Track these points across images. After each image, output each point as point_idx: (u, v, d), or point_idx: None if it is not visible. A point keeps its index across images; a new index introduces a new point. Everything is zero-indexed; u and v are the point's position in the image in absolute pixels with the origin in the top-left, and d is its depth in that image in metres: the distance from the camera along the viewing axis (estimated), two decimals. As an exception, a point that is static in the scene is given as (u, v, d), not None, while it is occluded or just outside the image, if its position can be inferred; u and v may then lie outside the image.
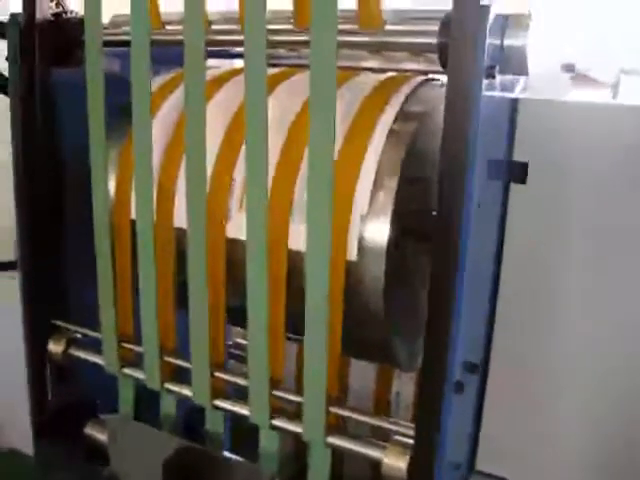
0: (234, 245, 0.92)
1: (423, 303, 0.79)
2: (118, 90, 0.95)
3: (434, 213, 0.75)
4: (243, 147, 0.85)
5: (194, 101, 0.87)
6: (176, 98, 1.03)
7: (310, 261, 0.82)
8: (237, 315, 0.91)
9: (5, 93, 1.10)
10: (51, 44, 1.06)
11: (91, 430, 1.19)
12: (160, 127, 1.00)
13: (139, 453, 1.05)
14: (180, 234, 0.95)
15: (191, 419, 1.10)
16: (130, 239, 1.01)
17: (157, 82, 1.07)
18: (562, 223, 0.83)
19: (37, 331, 1.14)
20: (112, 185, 1.03)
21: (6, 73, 1.07)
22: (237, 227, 0.92)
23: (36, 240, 1.11)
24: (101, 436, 1.16)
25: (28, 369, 1.17)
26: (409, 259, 0.91)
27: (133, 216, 0.99)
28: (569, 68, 1.48)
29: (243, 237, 0.87)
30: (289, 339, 0.94)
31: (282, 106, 0.93)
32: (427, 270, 0.77)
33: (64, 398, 1.20)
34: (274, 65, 1.08)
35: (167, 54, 0.99)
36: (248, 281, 0.87)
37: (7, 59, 1.04)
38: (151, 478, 1.02)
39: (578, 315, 0.85)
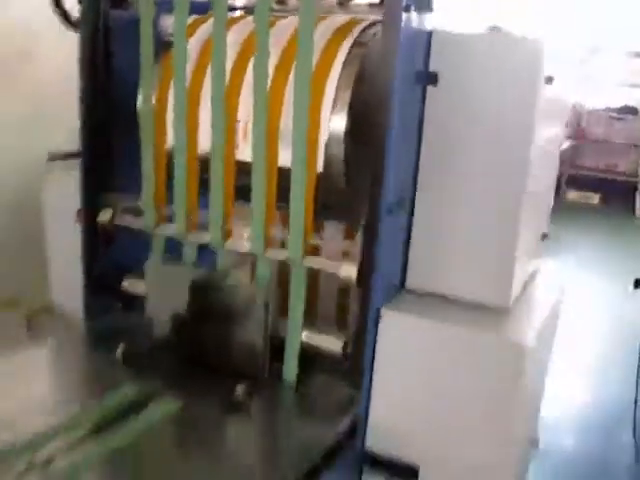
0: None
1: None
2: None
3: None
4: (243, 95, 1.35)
5: (218, 41, 1.36)
6: (201, 33, 1.50)
7: (295, 145, 1.31)
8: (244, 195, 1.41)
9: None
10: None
11: (128, 284, 1.66)
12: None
13: (167, 284, 1.52)
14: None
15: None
16: (165, 133, 1.49)
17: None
18: (461, 108, 1.32)
19: (90, 204, 1.61)
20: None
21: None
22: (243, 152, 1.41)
23: (93, 136, 1.59)
24: (136, 288, 1.63)
25: (83, 236, 1.64)
26: (359, 141, 1.39)
27: (169, 115, 1.47)
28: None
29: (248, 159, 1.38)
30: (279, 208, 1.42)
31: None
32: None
33: (108, 260, 1.67)
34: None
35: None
36: (253, 178, 1.36)
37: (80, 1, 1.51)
38: (177, 301, 1.48)
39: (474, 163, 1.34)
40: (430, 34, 1.33)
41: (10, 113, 2.15)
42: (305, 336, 1.43)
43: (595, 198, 8.77)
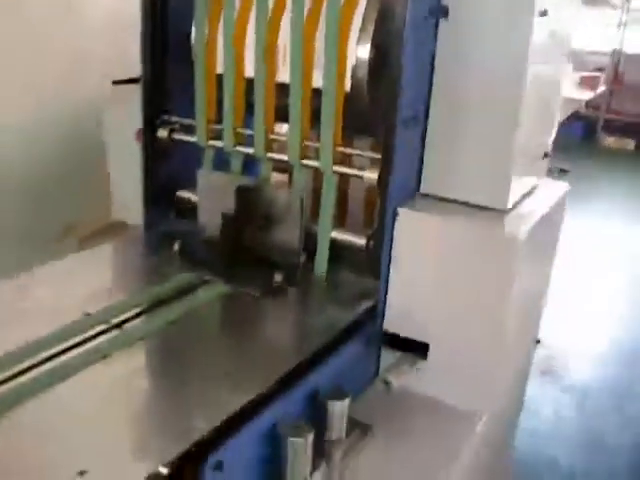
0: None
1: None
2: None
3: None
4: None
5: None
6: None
7: (327, 66, 1.56)
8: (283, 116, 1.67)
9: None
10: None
11: (182, 194, 1.94)
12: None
13: (216, 191, 1.79)
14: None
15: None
16: (215, 60, 1.74)
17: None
18: (467, 36, 1.55)
19: (150, 123, 1.88)
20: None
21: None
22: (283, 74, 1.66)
23: (152, 64, 1.85)
24: (189, 197, 1.91)
25: (142, 151, 1.92)
26: (380, 67, 1.63)
27: (219, 44, 1.72)
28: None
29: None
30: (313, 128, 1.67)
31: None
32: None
33: (164, 174, 1.95)
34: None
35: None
36: (290, 97, 1.62)
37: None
38: (225, 205, 1.75)
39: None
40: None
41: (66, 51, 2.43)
42: (334, 234, 1.70)
43: (631, 144, 8.83)
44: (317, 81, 1.62)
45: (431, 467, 1.48)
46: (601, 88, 8.97)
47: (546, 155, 1.87)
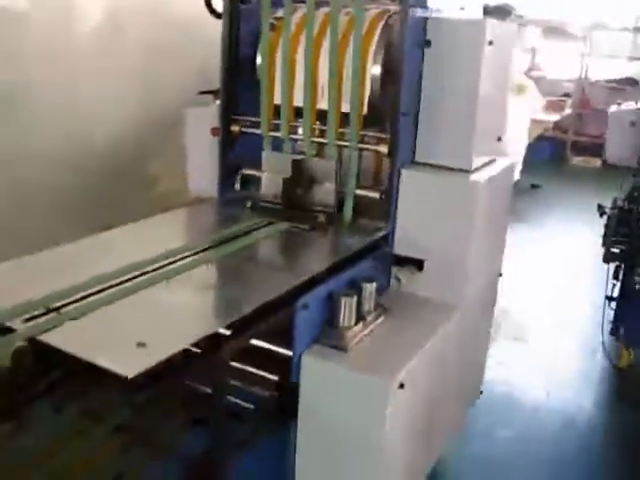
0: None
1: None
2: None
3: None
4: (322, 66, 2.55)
5: (308, 31, 2.55)
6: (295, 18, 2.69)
7: (352, 83, 2.50)
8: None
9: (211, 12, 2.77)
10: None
11: (246, 171, 2.86)
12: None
13: (276, 165, 2.71)
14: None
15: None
16: (274, 79, 2.68)
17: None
18: (441, 59, 2.50)
19: (226, 122, 2.81)
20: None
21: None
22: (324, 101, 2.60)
23: (228, 81, 2.78)
24: (253, 173, 2.83)
25: (221, 140, 2.83)
26: (388, 80, 2.56)
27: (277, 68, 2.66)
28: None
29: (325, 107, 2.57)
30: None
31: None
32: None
33: (234, 156, 2.87)
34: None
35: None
36: (328, 110, 2.56)
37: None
38: (282, 174, 2.66)
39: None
40: (427, 18, 2.51)
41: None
42: (357, 191, 2.63)
43: (597, 162, 9.85)
44: (344, 107, 2.57)
45: (426, 330, 2.38)
46: (567, 111, 10.08)
47: (499, 139, 2.82)
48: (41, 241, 2.14)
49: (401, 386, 2.05)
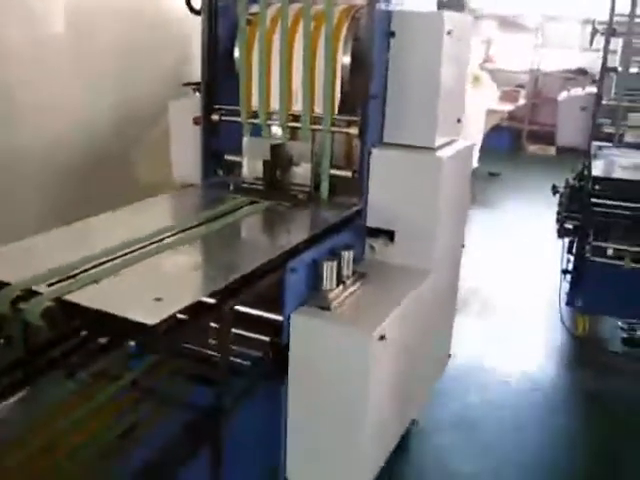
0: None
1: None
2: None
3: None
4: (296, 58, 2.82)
5: (283, 25, 2.82)
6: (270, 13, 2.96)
7: (326, 71, 2.78)
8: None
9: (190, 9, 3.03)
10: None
11: (228, 157, 3.12)
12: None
13: (255, 150, 2.98)
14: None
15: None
16: (251, 69, 2.95)
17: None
18: (405, 48, 2.79)
19: (208, 111, 3.07)
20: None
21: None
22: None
23: (209, 74, 3.04)
24: (234, 158, 3.09)
25: (203, 129, 3.09)
26: (357, 67, 2.84)
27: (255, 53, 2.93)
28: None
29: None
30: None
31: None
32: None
33: (215, 143, 3.12)
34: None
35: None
36: (302, 92, 2.83)
37: (203, -1, 2.97)
38: (261, 157, 2.93)
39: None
40: (391, 11, 2.80)
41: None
42: (332, 171, 2.90)
43: (552, 150, 10.28)
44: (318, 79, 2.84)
45: (402, 291, 2.66)
46: (522, 101, 10.50)
47: (459, 121, 3.12)
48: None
49: (381, 338, 2.33)
